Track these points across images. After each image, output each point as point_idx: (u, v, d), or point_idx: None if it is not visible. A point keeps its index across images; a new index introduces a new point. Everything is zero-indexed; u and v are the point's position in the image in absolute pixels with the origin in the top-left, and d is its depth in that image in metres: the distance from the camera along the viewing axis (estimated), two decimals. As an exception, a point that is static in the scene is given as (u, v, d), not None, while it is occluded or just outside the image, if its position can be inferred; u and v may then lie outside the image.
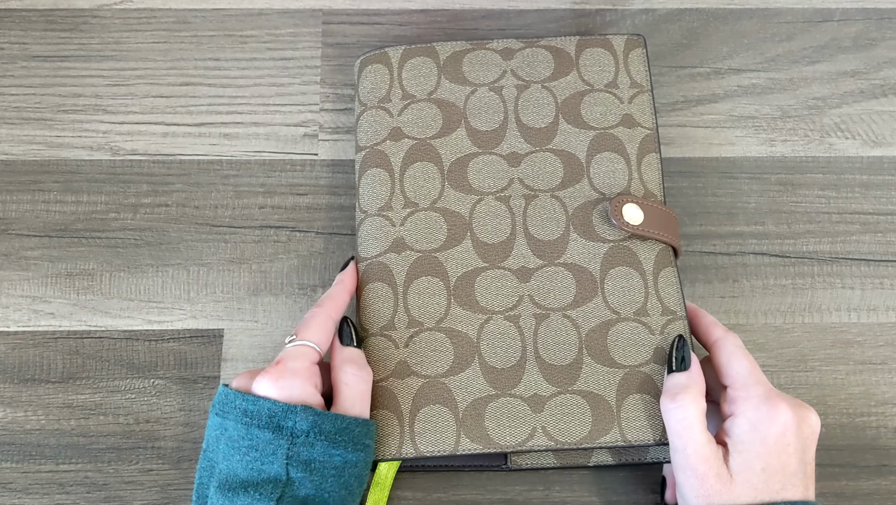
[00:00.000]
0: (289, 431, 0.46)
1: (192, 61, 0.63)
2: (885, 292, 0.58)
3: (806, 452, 0.47)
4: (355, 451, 0.47)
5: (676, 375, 0.49)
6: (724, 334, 0.50)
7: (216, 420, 0.47)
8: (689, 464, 0.47)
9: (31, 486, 0.54)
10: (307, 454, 0.46)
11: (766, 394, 0.47)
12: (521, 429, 0.50)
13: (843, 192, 0.60)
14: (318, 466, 0.46)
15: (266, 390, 0.47)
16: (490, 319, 0.53)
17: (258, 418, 0.46)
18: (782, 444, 0.46)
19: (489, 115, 0.57)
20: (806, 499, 0.46)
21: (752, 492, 0.46)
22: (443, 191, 0.55)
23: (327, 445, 0.46)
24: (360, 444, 0.47)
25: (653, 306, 0.53)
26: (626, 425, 0.50)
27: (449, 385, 0.51)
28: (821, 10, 0.65)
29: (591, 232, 0.54)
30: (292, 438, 0.46)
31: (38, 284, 0.58)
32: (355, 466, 0.47)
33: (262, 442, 0.46)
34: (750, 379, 0.48)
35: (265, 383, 0.47)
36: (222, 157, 0.61)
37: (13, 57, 0.63)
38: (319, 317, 0.50)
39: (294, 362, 0.48)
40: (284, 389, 0.47)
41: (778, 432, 0.46)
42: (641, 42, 0.59)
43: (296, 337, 0.49)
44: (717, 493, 0.46)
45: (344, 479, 0.47)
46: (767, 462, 0.46)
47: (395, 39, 0.64)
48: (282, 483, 0.45)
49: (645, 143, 0.56)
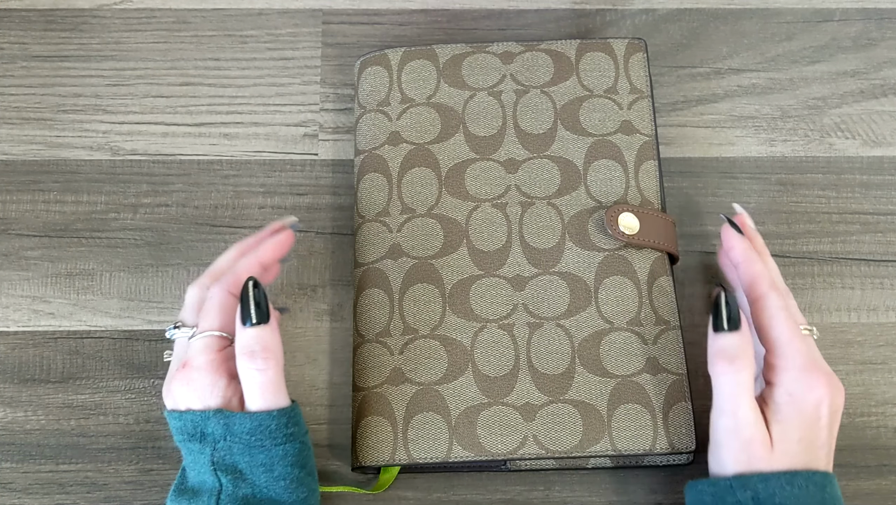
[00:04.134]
0: (210, 437, 0.45)
1: (192, 61, 0.63)
2: (885, 292, 0.58)
3: (832, 427, 0.47)
4: (275, 445, 0.45)
5: (728, 336, 0.47)
6: (768, 291, 0.49)
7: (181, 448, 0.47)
8: (737, 427, 0.46)
9: (31, 486, 0.54)
10: (230, 459, 0.45)
11: (805, 364, 0.47)
12: (512, 437, 0.50)
13: (843, 192, 0.60)
14: (245, 466, 0.45)
15: (183, 395, 0.46)
16: (484, 327, 0.53)
17: (186, 431, 0.46)
18: (816, 416, 0.46)
19: (488, 120, 0.57)
20: (828, 470, 0.47)
21: (789, 461, 0.46)
22: (440, 197, 0.55)
23: (244, 447, 0.45)
24: (279, 437, 0.45)
25: (646, 316, 0.53)
26: (616, 435, 0.50)
27: (442, 392, 0.51)
28: (821, 10, 0.65)
29: (587, 241, 0.54)
30: (214, 444, 0.45)
31: (38, 284, 0.58)
32: (285, 457, 0.46)
33: (195, 453, 0.46)
34: (790, 347, 0.47)
35: (180, 390, 0.46)
36: (222, 157, 0.61)
37: (13, 57, 0.63)
38: (217, 298, 0.47)
39: (198, 359, 0.46)
40: (196, 391, 0.46)
41: (813, 405, 0.46)
42: (642, 46, 0.59)
43: (196, 328, 0.47)
44: (758, 458, 0.46)
45: (277, 472, 0.45)
46: (803, 433, 0.46)
47: (395, 39, 0.64)
48: (216, 491, 0.45)
49: (643, 150, 0.56)
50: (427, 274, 0.54)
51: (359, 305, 0.54)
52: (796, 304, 0.51)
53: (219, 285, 0.48)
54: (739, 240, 0.51)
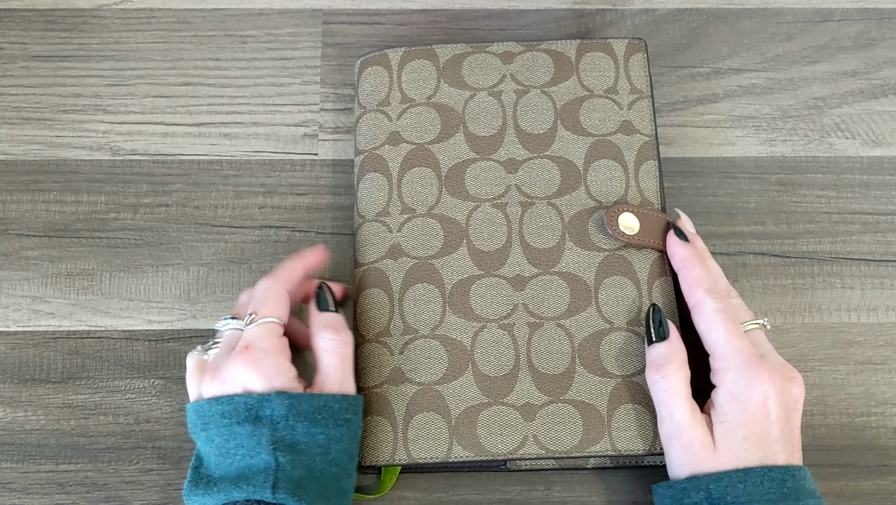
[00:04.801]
0: (268, 419, 0.46)
1: (192, 61, 0.63)
2: (885, 292, 0.58)
3: (789, 420, 0.47)
4: (336, 426, 0.47)
5: (658, 346, 0.50)
6: (703, 296, 0.50)
7: (200, 437, 0.48)
8: (675, 432, 0.48)
9: (31, 486, 0.54)
10: (290, 437, 0.46)
11: (745, 362, 0.47)
12: (512, 437, 0.51)
13: (843, 192, 0.60)
14: (304, 446, 0.46)
15: (241, 376, 0.47)
16: (484, 327, 0.53)
17: (236, 416, 0.46)
18: (763, 412, 0.46)
19: (488, 120, 0.57)
20: (790, 463, 0.46)
21: (735, 459, 0.46)
22: (440, 197, 0.55)
23: (308, 425, 0.46)
24: (340, 419, 0.47)
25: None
26: (616, 435, 0.50)
27: (442, 392, 0.51)
28: (821, 10, 0.65)
29: (587, 241, 0.54)
30: (273, 424, 0.46)
31: (38, 284, 0.58)
32: (340, 442, 0.47)
33: (244, 437, 0.46)
34: (727, 348, 0.48)
35: (239, 371, 0.47)
36: (222, 157, 0.61)
37: (13, 57, 0.63)
38: (273, 289, 0.50)
39: (263, 342, 0.48)
40: (262, 370, 0.47)
41: (758, 401, 0.46)
42: (642, 46, 0.59)
43: (255, 315, 0.49)
44: (700, 460, 0.47)
45: (332, 455, 0.47)
46: (749, 430, 0.46)
47: (395, 39, 0.64)
48: (273, 470, 0.45)
49: (643, 150, 0.56)
50: (427, 274, 0.54)
51: (359, 304, 0.54)
52: (741, 302, 0.51)
53: (271, 279, 0.51)
54: (681, 246, 0.52)
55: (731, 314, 0.49)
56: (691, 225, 0.55)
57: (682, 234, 0.53)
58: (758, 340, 0.49)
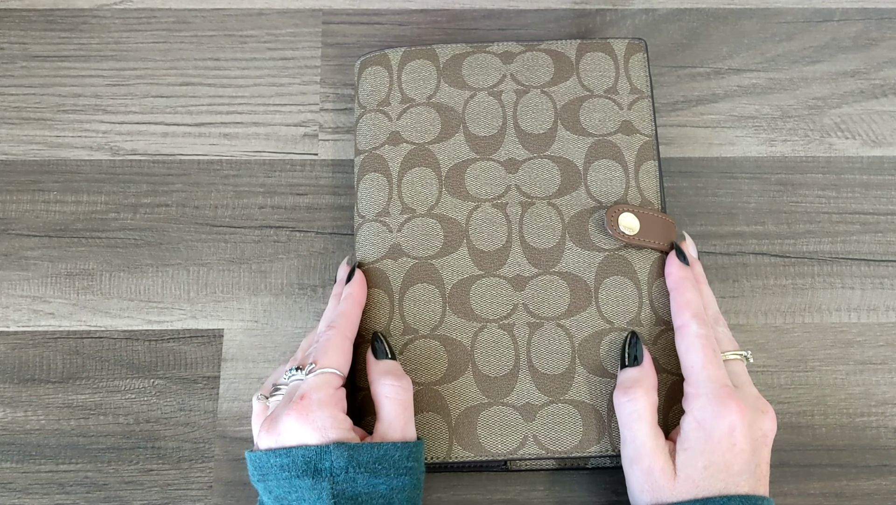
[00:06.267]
0: (328, 471, 0.45)
1: (192, 61, 0.63)
2: (885, 292, 0.58)
3: (756, 453, 0.46)
4: (398, 475, 0.46)
5: (629, 370, 0.50)
6: (689, 320, 0.50)
7: (260, 487, 0.47)
8: (637, 457, 0.47)
9: (31, 486, 0.54)
10: (351, 489, 0.45)
11: (715, 392, 0.47)
12: (512, 437, 0.51)
13: (843, 192, 0.60)
14: (365, 498, 0.45)
15: (295, 430, 0.46)
16: (484, 327, 0.53)
17: (295, 469, 0.45)
18: (727, 443, 0.46)
19: (488, 120, 0.57)
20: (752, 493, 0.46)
21: (694, 488, 0.46)
22: (440, 197, 0.55)
23: (369, 476, 0.45)
24: (402, 468, 0.46)
25: (646, 316, 0.53)
26: (616, 435, 0.51)
27: (442, 393, 0.51)
28: (821, 10, 0.65)
29: (587, 241, 0.54)
30: (332, 477, 0.45)
31: (38, 284, 0.58)
32: (403, 491, 0.46)
33: (305, 490, 0.45)
34: (702, 374, 0.48)
35: (292, 423, 0.46)
36: (222, 157, 0.61)
37: (13, 57, 0.63)
38: (335, 339, 0.49)
39: (318, 393, 0.46)
40: (315, 422, 0.45)
41: (723, 432, 0.46)
42: (643, 46, 0.59)
43: (315, 365, 0.48)
44: (660, 487, 0.46)
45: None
46: (710, 460, 0.46)
47: (395, 39, 0.64)
48: None
49: (643, 150, 0.56)
50: (427, 274, 0.54)
51: (359, 305, 0.54)
52: (728, 332, 0.51)
53: (335, 330, 0.50)
54: (678, 268, 0.52)
55: (713, 342, 0.49)
56: (694, 249, 0.55)
57: (684, 256, 0.53)
58: (736, 370, 0.49)
